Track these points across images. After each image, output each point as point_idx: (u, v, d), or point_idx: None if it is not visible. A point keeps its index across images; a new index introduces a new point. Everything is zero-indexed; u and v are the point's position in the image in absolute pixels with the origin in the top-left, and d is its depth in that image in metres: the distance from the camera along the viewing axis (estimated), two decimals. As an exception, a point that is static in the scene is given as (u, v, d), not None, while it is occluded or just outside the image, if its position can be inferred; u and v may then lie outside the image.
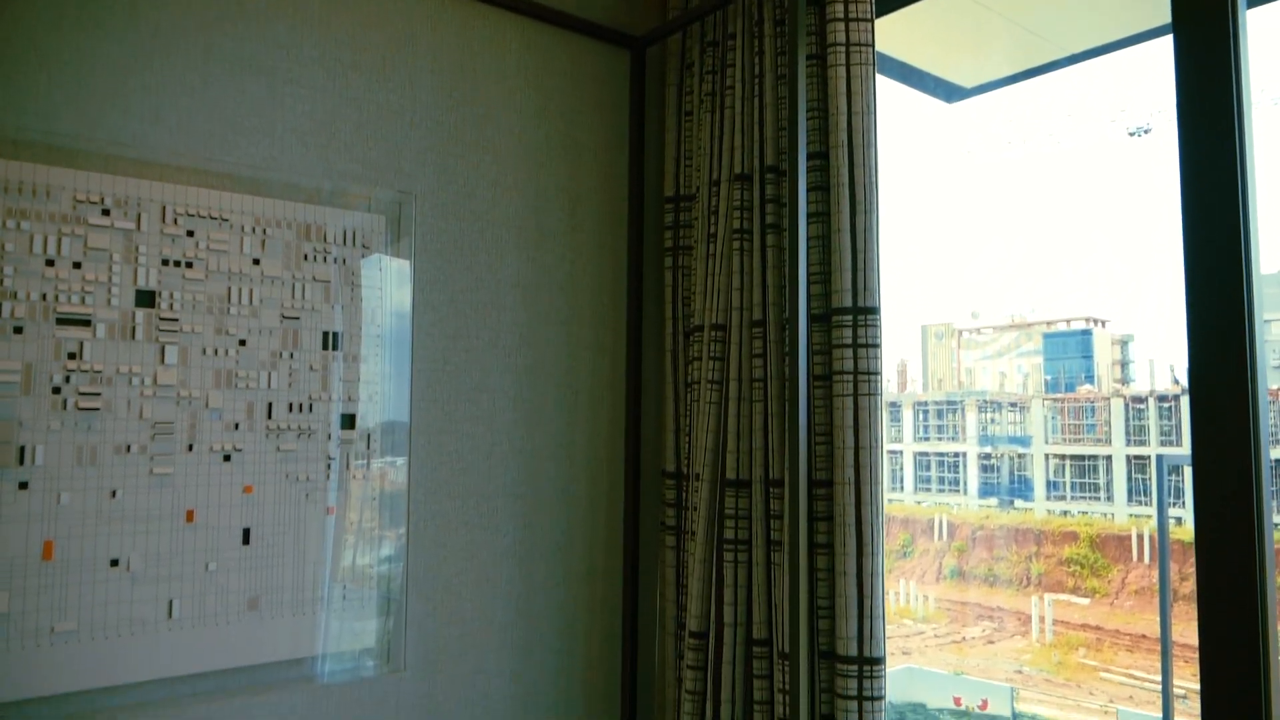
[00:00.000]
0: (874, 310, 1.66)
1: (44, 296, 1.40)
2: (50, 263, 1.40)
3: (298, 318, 1.62)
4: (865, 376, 1.64)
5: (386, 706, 1.65)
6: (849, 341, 1.65)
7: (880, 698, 1.58)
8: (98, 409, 1.43)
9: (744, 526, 1.78)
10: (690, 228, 1.99)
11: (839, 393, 1.65)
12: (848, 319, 1.65)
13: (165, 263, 1.50)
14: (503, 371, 1.85)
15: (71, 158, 1.43)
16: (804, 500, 1.65)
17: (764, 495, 1.74)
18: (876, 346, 1.65)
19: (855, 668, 1.59)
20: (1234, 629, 1.34)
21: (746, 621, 1.76)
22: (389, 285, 1.72)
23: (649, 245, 2.07)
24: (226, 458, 1.53)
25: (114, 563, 1.42)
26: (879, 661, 1.59)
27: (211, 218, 1.54)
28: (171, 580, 1.47)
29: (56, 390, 1.40)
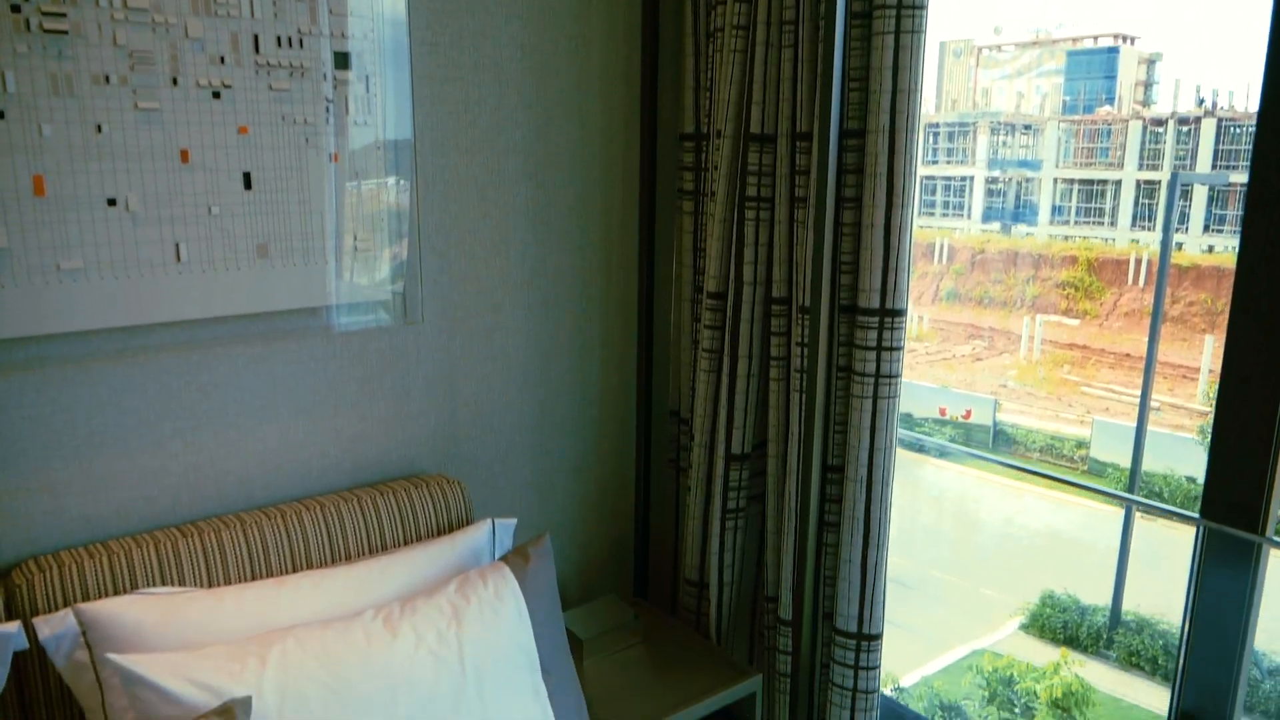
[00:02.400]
0: (926, -68, 1.47)
1: (-20, -107, 1.21)
2: None
3: (276, -65, 1.43)
4: (909, 12, 1.49)
5: (406, 357, 1.66)
6: (895, -30, 1.48)
7: (899, 348, 1.59)
8: (65, 32, 1.29)
9: (767, 184, 1.70)
10: None
11: (879, 30, 1.50)
12: (895, -57, 1.47)
13: None
14: (508, 17, 1.68)
15: None
16: (834, 151, 1.56)
17: (790, 150, 1.65)
18: (925, -23, 1.48)
19: (876, 319, 1.58)
20: (1259, 355, 1.34)
21: (766, 280, 1.74)
22: (376, -97, 1.51)
23: (668, -128, 1.81)
24: (216, 95, 1.42)
25: (111, 202, 1.35)
26: (900, 314, 1.58)
27: None
28: (175, 223, 1.41)
29: (15, 9, 1.25)
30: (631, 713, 1.61)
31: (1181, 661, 1.59)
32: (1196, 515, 1.49)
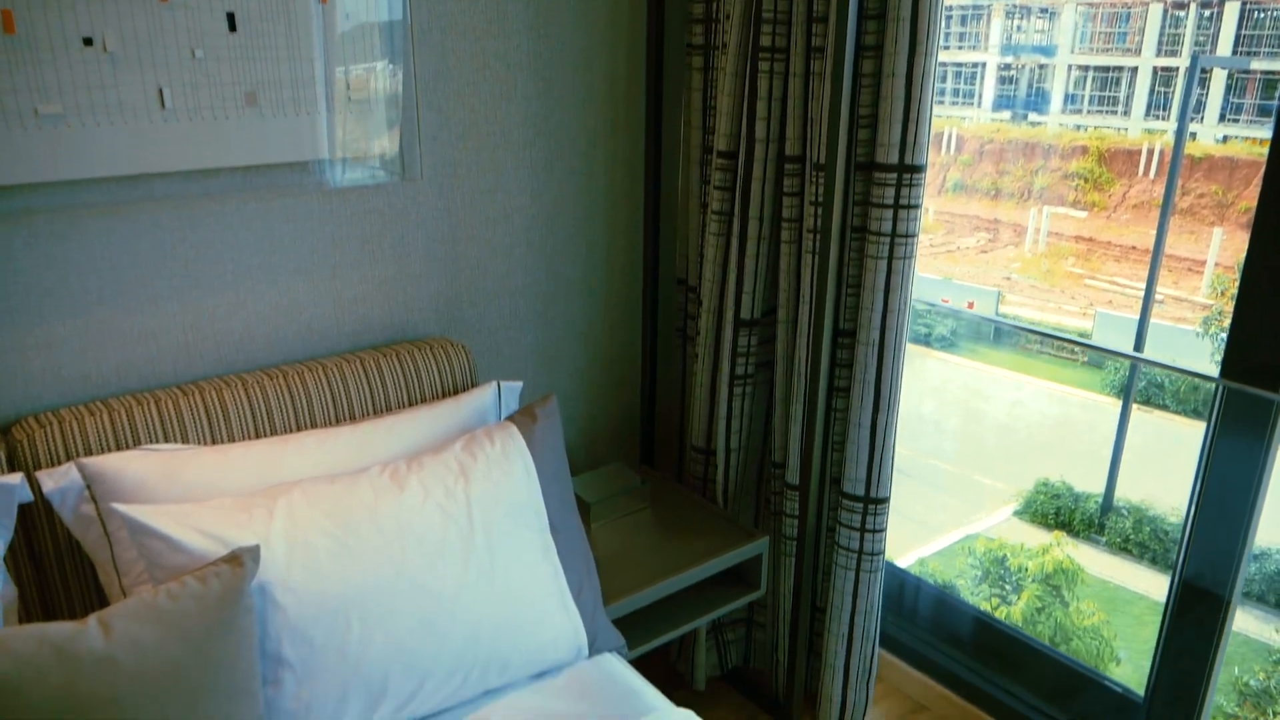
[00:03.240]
0: None
1: None
2: None
3: None
4: None
5: (406, 218, 1.61)
6: None
7: (917, 206, 1.53)
8: None
9: (782, 33, 1.61)
10: None
11: None
12: None
13: None
14: None
15: None
16: (854, -6, 1.47)
17: (807, -6, 1.56)
18: None
19: (894, 175, 1.52)
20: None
21: (779, 137, 1.66)
22: None
23: None
24: (193, -75, 1.32)
25: (87, 41, 1.27)
26: (920, 169, 1.51)
27: None
28: (156, 66, 1.33)
29: None
30: (639, 572, 1.62)
31: (1188, 529, 1.59)
32: (1216, 377, 1.47)
